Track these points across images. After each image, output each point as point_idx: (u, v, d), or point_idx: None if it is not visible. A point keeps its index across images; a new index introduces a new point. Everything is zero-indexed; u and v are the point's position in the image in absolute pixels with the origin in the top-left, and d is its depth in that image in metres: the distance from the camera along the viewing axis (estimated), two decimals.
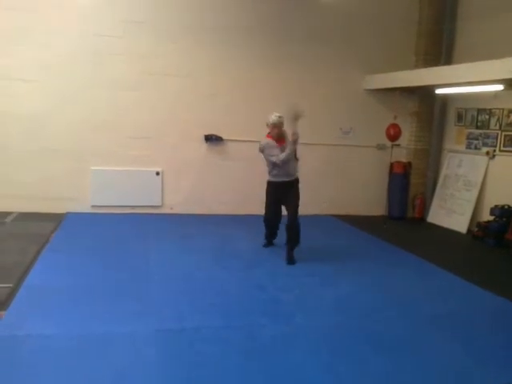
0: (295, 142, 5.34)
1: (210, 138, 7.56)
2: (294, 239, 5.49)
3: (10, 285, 4.25)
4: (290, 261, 5.40)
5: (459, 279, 5.25)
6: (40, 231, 5.99)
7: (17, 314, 3.73)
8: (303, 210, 5.68)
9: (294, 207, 5.47)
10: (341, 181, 8.28)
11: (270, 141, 5.44)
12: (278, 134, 5.40)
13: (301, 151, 5.71)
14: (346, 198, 8.33)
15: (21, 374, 2.96)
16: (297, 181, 5.56)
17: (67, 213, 6.98)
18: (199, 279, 4.77)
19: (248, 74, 7.60)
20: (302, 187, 5.66)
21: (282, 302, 4.35)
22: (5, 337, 3.37)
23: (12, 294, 4.07)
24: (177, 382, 3.00)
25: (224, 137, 7.61)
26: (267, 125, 5.39)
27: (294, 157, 5.46)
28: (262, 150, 5.49)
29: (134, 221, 6.95)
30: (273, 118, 5.36)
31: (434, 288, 5.00)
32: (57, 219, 6.63)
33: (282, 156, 5.32)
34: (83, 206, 7.12)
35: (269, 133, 5.47)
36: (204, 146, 7.60)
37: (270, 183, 5.60)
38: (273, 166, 5.44)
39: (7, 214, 6.64)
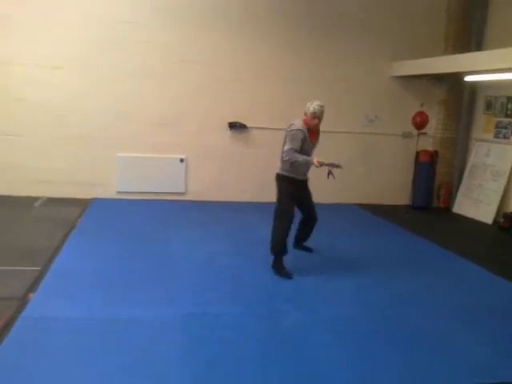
0: (324, 164, 4.62)
1: (234, 126, 7.57)
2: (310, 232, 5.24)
3: (38, 268, 4.39)
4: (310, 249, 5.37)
5: (484, 271, 5.18)
6: (67, 216, 6.14)
7: (45, 296, 3.85)
8: (326, 198, 5.62)
9: (313, 203, 5.07)
10: (365, 169, 8.19)
11: (305, 129, 4.66)
12: (316, 126, 4.75)
13: (321, 141, 5.24)
14: (370, 187, 8.25)
15: (47, 354, 3.06)
16: None
17: (93, 198, 7.12)
18: (221, 266, 4.83)
19: (272, 61, 7.55)
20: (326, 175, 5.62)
21: (303, 291, 4.36)
22: (34, 318, 3.48)
23: (40, 276, 4.20)
24: (198, 365, 3.06)
25: (248, 124, 7.61)
26: (305, 113, 4.69)
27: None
28: (289, 130, 4.67)
29: (158, 207, 7.04)
30: (314, 106, 4.63)
31: (458, 280, 4.94)
32: (83, 204, 6.77)
33: (297, 158, 4.56)
34: (109, 192, 7.25)
35: (304, 119, 4.73)
36: (228, 133, 7.62)
37: (290, 180, 4.74)
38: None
39: (36, 198, 6.81)
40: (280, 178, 4.78)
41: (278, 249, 4.72)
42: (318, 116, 4.66)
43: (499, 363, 3.33)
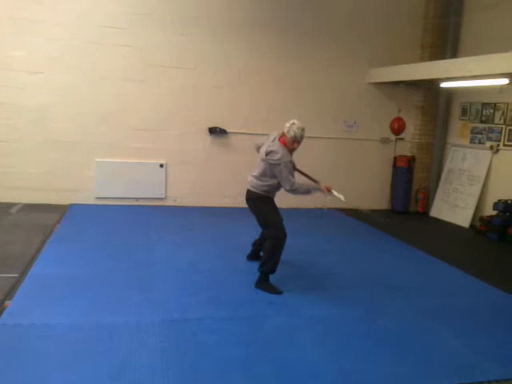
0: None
1: (214, 131, 7.57)
2: None
3: (16, 275, 4.30)
4: None
5: (462, 273, 5.28)
6: (45, 222, 6.03)
7: (22, 303, 3.77)
8: (307, 203, 5.65)
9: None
10: (344, 174, 8.26)
11: (290, 156, 4.40)
12: (295, 149, 4.50)
13: (302, 146, 5.32)
14: (349, 192, 8.26)
15: (25, 362, 3.00)
16: None
17: (72, 204, 7.02)
18: (202, 271, 4.80)
19: (252, 67, 7.59)
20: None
21: (285, 294, 4.35)
22: (10, 326, 3.41)
23: (17, 283, 4.12)
24: (181, 371, 3.04)
25: (228, 129, 7.61)
26: (284, 134, 4.41)
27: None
28: (278, 164, 4.30)
29: (137, 213, 6.98)
30: (295, 131, 4.31)
31: (436, 282, 5.02)
32: (61, 210, 6.66)
33: (304, 188, 4.46)
34: (87, 198, 7.16)
35: (281, 136, 4.47)
36: (208, 138, 7.61)
37: (269, 197, 4.60)
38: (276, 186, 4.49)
39: (12, 205, 6.69)
40: (260, 197, 4.52)
41: (273, 268, 4.45)
42: (298, 141, 4.38)
43: (478, 363, 3.38)
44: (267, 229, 4.55)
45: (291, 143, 4.39)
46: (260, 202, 4.54)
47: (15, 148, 6.85)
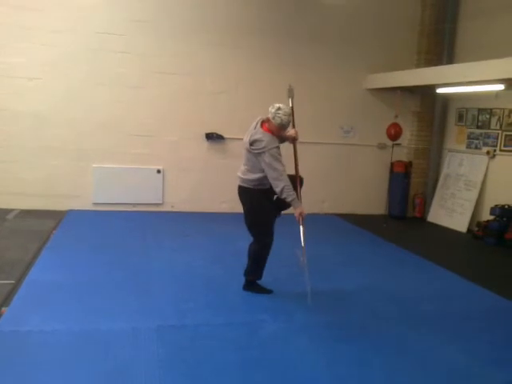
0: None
1: (211, 137, 7.58)
2: None
3: (12, 281, 4.28)
4: None
5: (459, 278, 5.27)
6: (42, 228, 6.02)
7: (18, 310, 3.76)
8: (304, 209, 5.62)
9: None
10: (342, 180, 8.29)
11: (276, 142, 4.09)
12: (281, 137, 4.23)
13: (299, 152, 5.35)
14: (346, 197, 8.34)
15: (22, 369, 2.99)
16: None
17: (69, 210, 7.01)
18: (200, 277, 4.80)
19: (249, 73, 7.62)
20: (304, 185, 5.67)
21: (281, 300, 4.36)
22: (6, 333, 3.40)
23: (14, 290, 4.10)
24: (178, 377, 3.02)
25: (225, 135, 7.63)
26: (269, 120, 4.15)
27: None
28: (265, 150, 4.00)
29: (135, 218, 6.98)
30: (282, 117, 4.05)
31: (433, 287, 5.02)
32: (58, 217, 6.65)
33: (290, 193, 4.04)
34: (85, 204, 7.15)
35: (264, 122, 4.20)
36: (205, 144, 7.63)
37: (262, 191, 4.20)
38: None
39: (9, 211, 6.68)
40: (252, 191, 4.19)
41: (259, 275, 4.42)
42: (285, 127, 4.13)
43: (474, 368, 3.37)
44: (257, 232, 4.33)
45: (277, 130, 4.12)
46: (251, 197, 4.21)
47: (12, 154, 6.85)
